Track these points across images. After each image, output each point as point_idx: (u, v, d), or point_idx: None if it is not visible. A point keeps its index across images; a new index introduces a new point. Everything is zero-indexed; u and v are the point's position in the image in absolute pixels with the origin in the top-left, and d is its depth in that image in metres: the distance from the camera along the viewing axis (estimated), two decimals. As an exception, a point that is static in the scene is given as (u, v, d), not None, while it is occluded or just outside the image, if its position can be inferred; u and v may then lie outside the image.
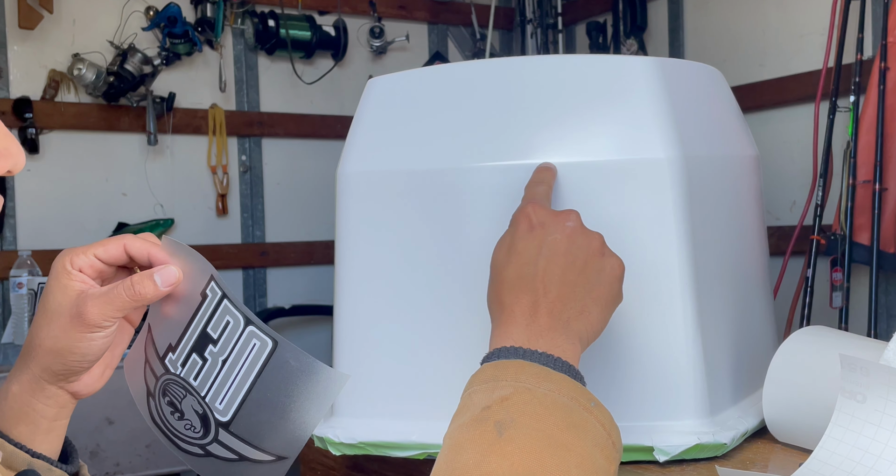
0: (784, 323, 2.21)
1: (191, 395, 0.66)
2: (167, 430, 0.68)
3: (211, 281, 0.65)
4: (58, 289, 0.65)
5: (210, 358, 0.65)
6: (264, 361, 0.64)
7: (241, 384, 0.65)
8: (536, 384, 0.59)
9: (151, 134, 2.88)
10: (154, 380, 0.68)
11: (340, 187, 0.87)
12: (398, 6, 3.36)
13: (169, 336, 0.67)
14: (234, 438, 0.66)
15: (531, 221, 0.68)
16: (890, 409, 0.62)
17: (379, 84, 0.89)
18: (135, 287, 0.64)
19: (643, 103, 0.80)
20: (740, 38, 2.71)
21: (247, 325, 0.64)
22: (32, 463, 0.65)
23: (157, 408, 0.68)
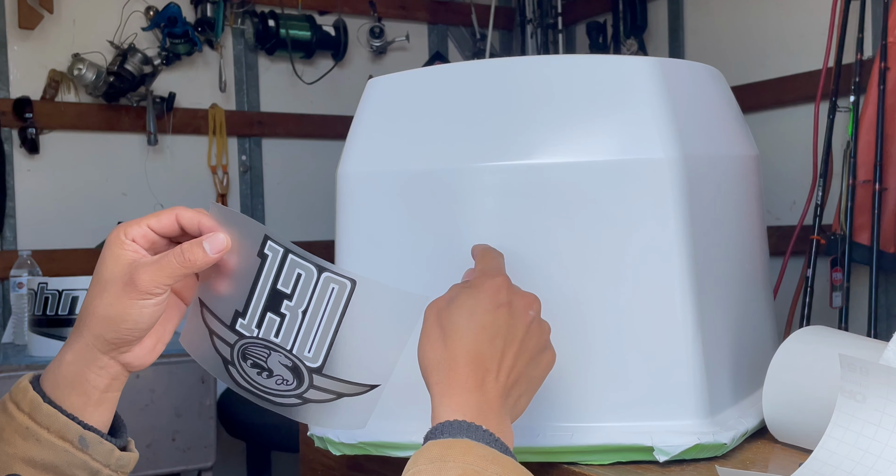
0: (784, 323, 2.21)
1: (275, 352, 0.67)
2: (258, 390, 0.70)
3: (267, 241, 0.67)
4: (111, 258, 0.66)
5: (288, 313, 0.67)
6: (346, 301, 0.66)
7: (326, 329, 0.67)
8: (485, 467, 0.58)
9: (151, 134, 2.88)
10: (228, 348, 0.69)
11: (340, 187, 0.87)
12: (398, 6, 3.36)
13: (232, 304, 0.68)
14: (329, 380, 0.68)
15: (499, 298, 0.68)
16: (890, 409, 0.62)
17: (379, 84, 0.89)
18: (185, 254, 0.65)
19: (643, 103, 0.80)
20: (740, 38, 2.71)
21: (321, 272, 0.66)
22: (84, 434, 0.66)
23: (240, 374, 0.69)
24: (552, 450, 0.77)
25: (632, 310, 0.79)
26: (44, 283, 2.16)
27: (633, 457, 0.77)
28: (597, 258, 0.79)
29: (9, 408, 0.67)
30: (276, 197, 3.18)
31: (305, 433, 0.94)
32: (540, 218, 0.79)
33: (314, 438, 0.86)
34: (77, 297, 2.18)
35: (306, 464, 1.04)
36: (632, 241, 0.79)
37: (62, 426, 0.66)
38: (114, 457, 0.68)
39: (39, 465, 0.65)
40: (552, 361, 0.70)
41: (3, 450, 0.66)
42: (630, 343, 0.79)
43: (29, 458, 0.65)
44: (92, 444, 0.67)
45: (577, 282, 0.78)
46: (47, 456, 0.65)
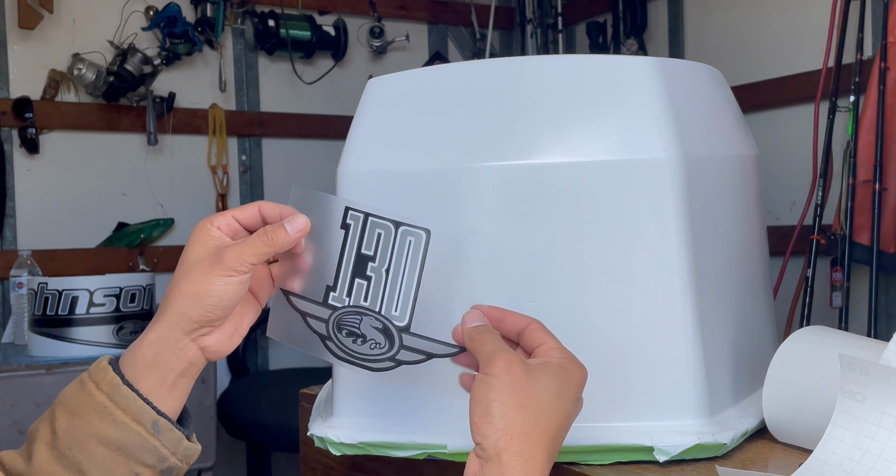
0: (784, 323, 2.21)
1: (366, 317, 0.71)
2: (355, 359, 0.72)
3: (348, 211, 0.71)
4: (197, 243, 0.71)
5: (373, 274, 0.71)
6: (423, 253, 0.70)
7: (408, 284, 0.70)
8: None
9: (151, 134, 2.88)
10: (323, 324, 0.72)
11: (340, 187, 0.87)
12: (398, 6, 3.36)
13: (323, 281, 0.71)
14: (416, 338, 0.71)
15: (579, 393, 0.67)
16: (889, 409, 0.62)
17: (379, 84, 0.89)
18: (268, 234, 0.69)
19: (643, 103, 0.80)
20: (740, 38, 2.71)
21: (397, 227, 0.70)
22: (157, 420, 0.69)
23: (338, 346, 0.72)
24: (552, 450, 0.77)
25: (632, 310, 0.79)
26: (44, 283, 2.16)
27: (633, 457, 0.77)
28: (597, 258, 0.79)
29: (88, 386, 0.69)
30: (276, 197, 3.18)
31: (305, 433, 0.94)
32: (540, 218, 0.79)
33: (314, 438, 0.86)
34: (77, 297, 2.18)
35: (306, 464, 1.04)
36: (632, 241, 0.79)
37: (138, 410, 0.68)
38: (182, 446, 0.70)
39: (112, 444, 0.67)
40: None
41: (79, 426, 0.68)
42: (630, 343, 0.79)
43: (103, 437, 0.67)
44: (163, 431, 0.69)
45: (577, 282, 0.78)
46: (121, 437, 0.67)
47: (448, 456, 0.79)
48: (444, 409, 0.80)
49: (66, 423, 0.68)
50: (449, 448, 0.78)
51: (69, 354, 2.16)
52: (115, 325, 2.24)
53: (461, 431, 0.78)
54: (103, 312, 2.22)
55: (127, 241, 2.91)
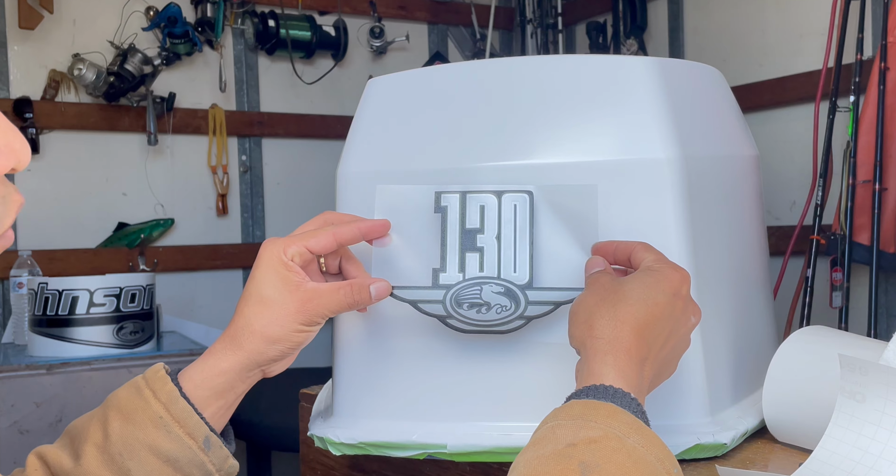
0: (784, 323, 2.21)
1: (486, 285, 0.73)
2: (484, 327, 0.73)
3: (440, 195, 0.74)
4: (277, 278, 0.70)
5: (484, 245, 0.73)
6: (530, 212, 0.73)
7: (521, 244, 0.73)
8: (627, 434, 0.57)
9: (151, 134, 2.88)
10: (439, 305, 0.73)
11: (340, 187, 0.87)
12: (398, 6, 3.36)
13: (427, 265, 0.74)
14: (540, 291, 0.73)
15: (681, 290, 0.67)
16: (889, 409, 0.62)
17: (379, 84, 0.89)
18: (354, 295, 0.71)
19: (643, 103, 0.80)
20: (740, 38, 2.71)
21: (499, 196, 0.73)
22: (209, 436, 0.70)
23: (462, 321, 0.73)
24: (552, 450, 0.77)
25: (632, 310, 0.79)
26: (44, 283, 2.16)
27: (633, 457, 0.77)
28: (597, 258, 0.79)
29: (145, 394, 0.69)
30: (276, 197, 3.18)
31: (305, 433, 0.94)
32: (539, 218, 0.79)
33: (314, 438, 0.86)
34: (77, 297, 2.18)
35: (306, 464, 1.04)
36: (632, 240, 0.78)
37: (194, 424, 0.69)
38: (227, 463, 0.72)
39: (163, 455, 0.68)
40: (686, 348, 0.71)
41: (133, 433, 0.68)
42: (630, 343, 0.79)
43: (155, 447, 0.68)
44: (213, 447, 0.70)
45: (577, 282, 0.78)
46: (173, 449, 0.68)
47: (448, 456, 0.79)
48: (444, 409, 0.80)
49: (119, 427, 0.68)
50: (449, 448, 0.78)
51: (69, 354, 2.16)
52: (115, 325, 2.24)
53: (461, 431, 0.78)
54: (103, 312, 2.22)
55: (127, 242, 2.91)
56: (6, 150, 0.45)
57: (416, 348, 0.82)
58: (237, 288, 3.12)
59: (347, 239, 0.73)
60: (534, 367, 0.80)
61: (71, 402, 2.12)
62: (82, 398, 2.12)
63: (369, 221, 0.74)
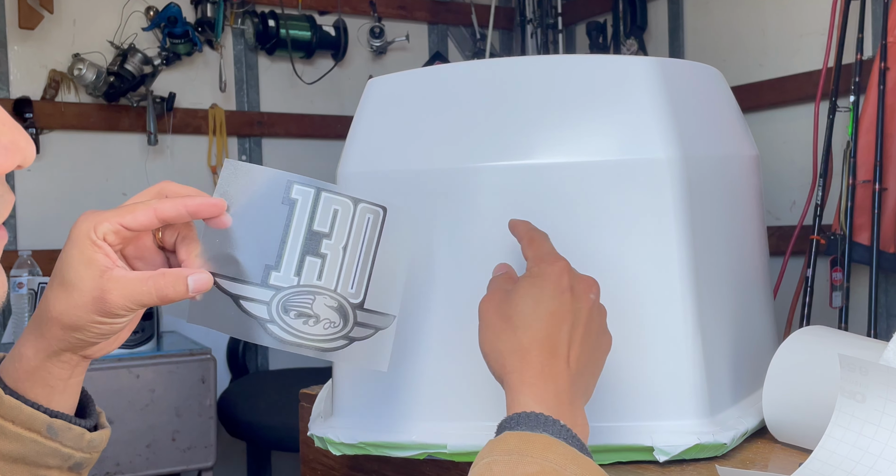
0: (784, 323, 2.21)
1: (320, 296, 0.67)
2: (306, 340, 0.67)
3: (292, 185, 0.66)
4: (79, 260, 0.62)
5: (329, 252, 0.67)
6: (380, 229, 0.68)
7: (365, 261, 0.68)
8: (564, 465, 0.57)
9: (151, 134, 2.88)
10: (264, 307, 0.66)
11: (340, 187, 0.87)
12: (398, 6, 3.36)
13: (261, 261, 0.66)
14: (369, 314, 0.69)
15: (562, 283, 0.67)
16: (889, 409, 0.62)
17: (379, 84, 0.89)
18: (164, 289, 0.62)
19: (643, 103, 0.80)
20: (740, 38, 2.71)
21: (356, 204, 0.68)
22: (52, 423, 0.64)
23: (283, 329, 0.67)
24: (552, 450, 0.77)
25: (632, 310, 0.79)
26: (44, 283, 2.16)
27: (633, 457, 0.77)
28: (596, 258, 0.79)
29: None
30: (276, 197, 3.18)
31: (305, 433, 0.94)
32: (540, 218, 0.79)
33: (314, 438, 0.86)
34: (77, 297, 2.18)
35: (306, 464, 1.04)
36: (632, 241, 0.79)
37: (27, 418, 0.64)
38: (85, 440, 0.66)
39: (8, 457, 0.63)
40: (610, 344, 0.70)
41: None
42: (630, 343, 0.79)
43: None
44: (61, 432, 0.65)
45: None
46: (15, 448, 0.63)
47: (448, 456, 0.79)
48: (444, 409, 0.80)
49: None
50: (449, 448, 0.78)
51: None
52: (115, 325, 2.24)
53: (461, 431, 0.78)
54: (103, 312, 2.22)
55: (127, 241, 2.91)
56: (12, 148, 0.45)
57: (416, 348, 0.82)
58: (237, 288, 3.12)
59: (170, 216, 0.63)
60: (534, 367, 0.80)
61: (71, 402, 2.12)
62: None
63: (199, 199, 0.64)
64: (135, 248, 0.67)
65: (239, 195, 0.66)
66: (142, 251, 0.67)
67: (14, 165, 0.45)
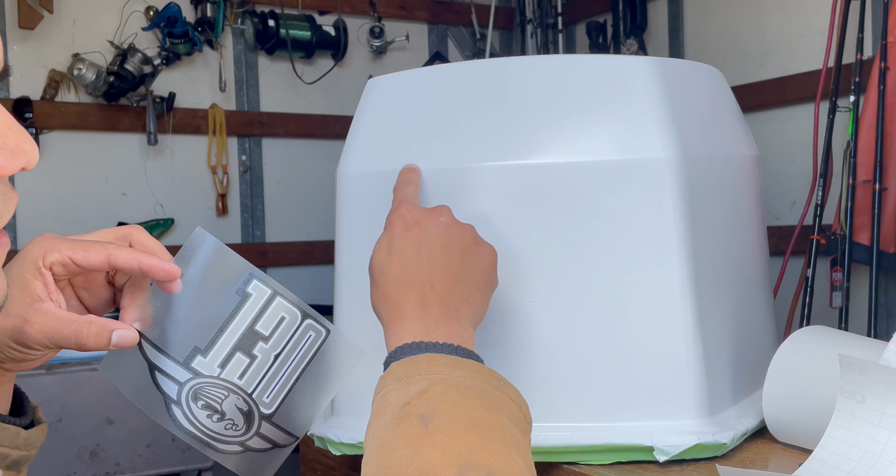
0: (784, 323, 2.21)
1: (235, 395, 0.65)
2: (202, 433, 0.66)
3: (252, 279, 0.65)
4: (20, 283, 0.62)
5: (260, 355, 0.66)
6: (316, 350, 0.67)
7: (290, 375, 0.67)
8: (449, 373, 0.61)
9: (151, 134, 2.88)
10: (176, 386, 0.65)
11: (340, 187, 0.87)
12: (398, 6, 3.36)
13: (191, 341, 0.65)
14: (274, 429, 0.68)
15: (406, 221, 0.71)
16: (889, 409, 0.62)
17: (379, 84, 0.89)
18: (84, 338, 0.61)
19: (643, 103, 0.80)
20: (740, 38, 2.71)
21: (304, 318, 0.67)
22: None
23: (185, 414, 0.66)
24: (552, 450, 0.77)
25: (632, 309, 0.79)
26: (44, 283, 2.16)
27: (633, 457, 0.77)
28: (596, 258, 0.79)
29: None
30: (276, 197, 3.18)
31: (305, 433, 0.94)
32: (540, 218, 0.79)
33: (314, 438, 0.86)
34: (77, 297, 2.18)
35: (306, 464, 1.04)
36: (632, 241, 0.79)
37: None
38: (21, 438, 0.65)
39: None
40: (490, 253, 0.73)
41: None
42: (630, 343, 0.79)
43: None
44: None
45: (577, 282, 0.78)
46: None
47: (448, 456, 0.79)
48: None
49: None
50: (449, 448, 0.78)
51: (69, 354, 2.16)
52: (115, 325, 2.24)
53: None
54: (103, 312, 2.22)
55: (127, 241, 2.91)
56: (17, 151, 0.45)
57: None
58: (237, 288, 3.12)
59: (123, 266, 0.62)
60: (533, 368, 0.80)
61: (70, 402, 2.12)
62: (82, 398, 2.11)
63: (154, 261, 0.62)
64: (84, 280, 0.66)
65: (198, 267, 0.65)
66: (90, 284, 0.67)
67: (18, 168, 0.45)
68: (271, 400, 0.67)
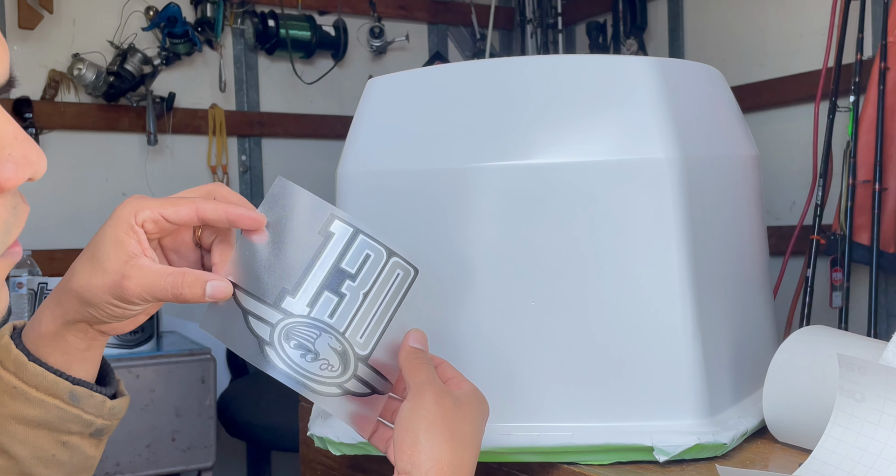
0: (784, 323, 2.21)
1: (326, 334, 0.65)
2: (298, 374, 0.65)
3: (334, 220, 0.66)
4: (114, 241, 0.64)
5: (348, 293, 0.66)
6: (406, 290, 0.67)
7: (382, 315, 0.67)
8: None
9: (151, 134, 2.88)
10: (268, 328, 0.65)
11: (340, 187, 0.87)
12: (398, 6, 3.36)
13: (279, 282, 0.65)
14: (371, 372, 0.67)
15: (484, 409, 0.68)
16: (888, 408, 0.62)
17: (379, 84, 0.89)
18: (181, 288, 0.63)
19: (643, 103, 0.80)
20: (740, 38, 2.71)
21: (390, 256, 0.66)
22: (74, 389, 0.66)
23: (279, 355, 0.65)
24: (552, 450, 0.77)
25: (632, 309, 0.79)
26: (44, 283, 2.16)
27: (633, 457, 0.77)
28: (596, 258, 0.79)
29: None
30: (276, 197, 3.18)
31: (305, 433, 0.94)
32: (540, 218, 0.79)
33: (314, 438, 0.86)
34: (77, 297, 2.18)
35: (306, 464, 1.04)
36: (632, 240, 0.79)
37: (50, 384, 0.65)
38: (106, 407, 0.67)
39: (32, 422, 0.65)
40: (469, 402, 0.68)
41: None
42: (630, 343, 0.79)
43: (21, 417, 0.65)
44: (83, 399, 0.66)
45: (577, 282, 0.78)
46: (39, 413, 0.65)
47: (448, 456, 0.79)
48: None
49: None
50: (449, 448, 0.78)
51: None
52: (115, 325, 2.24)
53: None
54: (103, 312, 2.22)
55: (127, 241, 2.91)
56: (23, 161, 0.46)
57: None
58: (237, 288, 3.12)
59: (210, 218, 0.64)
60: (533, 368, 0.80)
61: (71, 402, 2.12)
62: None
63: (241, 210, 0.65)
64: (172, 241, 0.68)
65: (280, 214, 0.66)
66: (178, 245, 0.68)
67: (24, 179, 0.45)
68: (365, 340, 0.66)
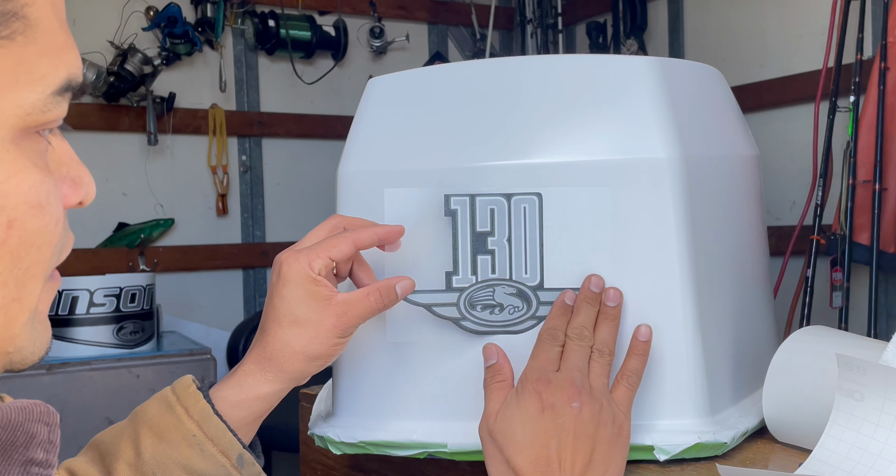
0: (784, 323, 2.21)
1: (498, 287, 0.75)
2: (497, 328, 0.76)
3: (450, 198, 0.75)
4: (308, 296, 0.69)
5: (495, 247, 0.75)
6: (539, 215, 0.75)
7: (531, 246, 0.75)
8: None
9: (151, 134, 2.88)
10: (453, 308, 0.76)
11: (340, 187, 0.87)
12: (398, 6, 3.36)
13: (440, 269, 0.75)
14: (551, 292, 0.76)
15: (543, 402, 0.68)
16: (888, 408, 0.62)
17: (379, 84, 0.89)
18: (383, 298, 0.71)
19: (643, 103, 0.80)
20: (740, 38, 2.71)
21: (509, 199, 0.75)
22: (243, 453, 0.69)
23: (475, 322, 0.76)
24: (552, 449, 0.77)
25: (632, 309, 0.79)
26: (44, 283, 2.16)
27: (632, 456, 0.77)
28: (596, 258, 0.79)
29: (177, 411, 0.68)
30: (276, 197, 3.18)
31: (305, 433, 0.94)
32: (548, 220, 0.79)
33: (314, 438, 0.86)
34: (77, 297, 2.18)
35: (306, 464, 1.04)
36: (632, 241, 0.79)
37: (228, 443, 0.68)
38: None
39: (196, 473, 0.67)
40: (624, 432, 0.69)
41: (166, 452, 0.67)
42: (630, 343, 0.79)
43: (188, 466, 0.67)
44: (246, 465, 0.69)
45: (577, 282, 0.78)
46: (206, 468, 0.67)
47: (448, 455, 0.79)
48: (444, 408, 0.80)
49: (151, 446, 0.67)
50: (449, 447, 0.78)
51: (69, 354, 2.16)
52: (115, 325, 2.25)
53: (462, 430, 0.78)
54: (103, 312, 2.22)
55: (127, 242, 2.91)
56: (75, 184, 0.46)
57: (416, 348, 0.82)
58: (237, 288, 3.12)
59: (366, 245, 0.72)
60: (534, 367, 0.80)
61: (71, 402, 2.12)
62: (82, 398, 2.12)
63: (385, 227, 0.73)
64: None
65: (405, 218, 0.75)
66: None
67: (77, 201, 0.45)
68: (530, 274, 0.75)
